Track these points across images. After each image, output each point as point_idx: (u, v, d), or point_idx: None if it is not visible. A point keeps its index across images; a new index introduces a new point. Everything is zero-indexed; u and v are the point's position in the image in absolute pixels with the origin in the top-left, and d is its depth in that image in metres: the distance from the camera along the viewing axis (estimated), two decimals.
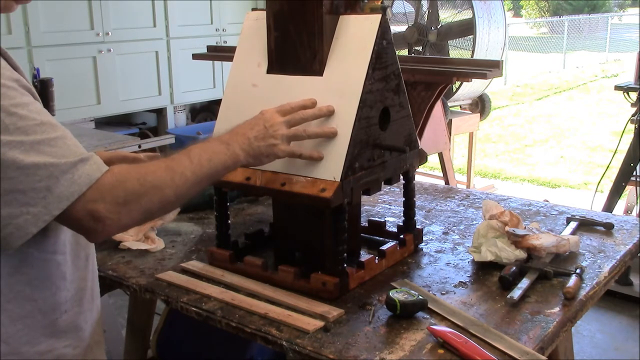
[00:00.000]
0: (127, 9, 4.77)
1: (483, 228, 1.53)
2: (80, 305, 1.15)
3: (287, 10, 1.40)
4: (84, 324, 1.16)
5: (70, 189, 0.96)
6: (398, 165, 1.49)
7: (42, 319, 1.07)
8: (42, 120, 0.97)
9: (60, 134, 0.99)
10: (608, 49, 16.03)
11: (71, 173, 0.97)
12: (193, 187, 1.12)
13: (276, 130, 1.24)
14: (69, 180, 0.97)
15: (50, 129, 0.98)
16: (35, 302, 1.06)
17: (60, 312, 1.10)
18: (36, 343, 1.07)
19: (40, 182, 0.95)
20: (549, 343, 1.21)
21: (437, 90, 2.56)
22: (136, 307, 2.14)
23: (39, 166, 0.94)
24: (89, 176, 0.98)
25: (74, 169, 0.97)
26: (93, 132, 3.85)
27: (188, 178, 1.10)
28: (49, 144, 0.96)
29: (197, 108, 5.79)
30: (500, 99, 10.83)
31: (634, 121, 3.47)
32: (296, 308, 1.30)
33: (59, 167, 0.96)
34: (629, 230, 1.73)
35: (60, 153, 0.97)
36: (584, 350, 3.04)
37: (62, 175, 0.96)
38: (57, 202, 0.96)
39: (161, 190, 1.06)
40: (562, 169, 6.66)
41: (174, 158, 1.12)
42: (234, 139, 1.20)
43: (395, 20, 5.41)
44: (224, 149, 1.18)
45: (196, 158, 1.12)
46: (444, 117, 4.16)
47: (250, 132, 1.22)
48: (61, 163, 0.96)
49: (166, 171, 1.08)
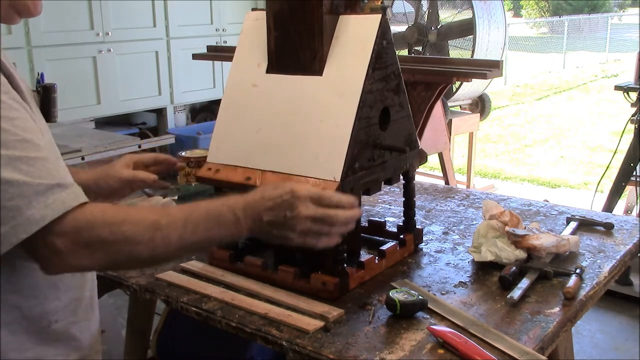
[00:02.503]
0: (127, 9, 4.77)
1: (483, 228, 1.53)
2: (75, 315, 1.12)
3: (287, 10, 1.40)
4: (79, 333, 1.13)
5: (41, 212, 0.91)
6: (398, 165, 1.49)
7: (28, 326, 1.05)
8: (25, 138, 0.93)
9: (41, 155, 0.94)
10: (608, 49, 16.03)
11: (45, 197, 0.91)
12: (177, 252, 1.04)
13: (296, 225, 1.08)
14: (42, 203, 0.91)
15: (32, 148, 0.93)
16: (20, 309, 1.03)
17: (49, 321, 1.07)
18: (24, 350, 1.05)
19: (10, 201, 0.89)
20: (549, 343, 1.21)
21: (437, 90, 2.56)
22: (136, 307, 2.13)
23: (12, 183, 0.89)
24: (63, 203, 0.93)
25: (49, 192, 0.92)
26: (93, 132, 3.84)
27: (171, 242, 1.00)
28: (26, 162, 0.91)
29: (197, 108, 5.79)
30: (500, 99, 10.83)
31: (634, 121, 3.47)
32: (296, 308, 1.30)
33: (32, 188, 0.91)
34: (629, 230, 1.73)
35: (37, 174, 0.92)
36: (584, 350, 3.04)
37: (35, 197, 0.91)
38: (27, 224, 0.90)
39: (133, 246, 0.98)
40: (562, 169, 6.66)
41: (170, 214, 1.02)
42: (247, 214, 1.06)
43: (395, 20, 5.41)
44: (232, 225, 1.05)
45: (192, 224, 1.02)
46: (444, 117, 4.15)
47: (267, 213, 1.07)
48: (35, 184, 0.91)
49: (149, 227, 0.99)
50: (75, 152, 2.83)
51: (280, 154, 1.39)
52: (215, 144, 1.50)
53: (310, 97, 1.39)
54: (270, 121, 1.42)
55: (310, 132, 1.36)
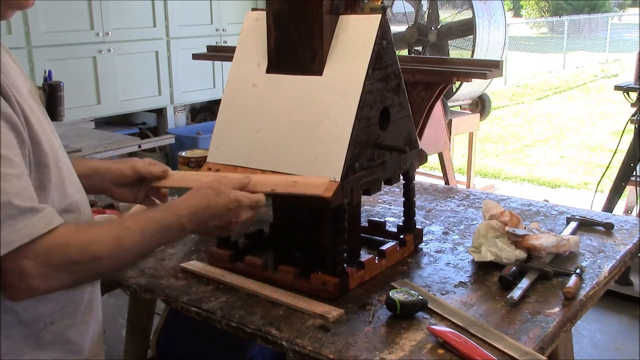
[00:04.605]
0: (127, 9, 4.77)
1: (483, 228, 1.53)
2: (72, 318, 1.11)
3: (287, 10, 1.40)
4: (77, 337, 1.13)
5: (9, 237, 0.91)
6: (398, 165, 1.49)
7: (23, 329, 1.04)
8: (1, 154, 0.92)
9: (17, 172, 0.93)
10: (608, 49, 16.02)
11: (16, 221, 0.91)
12: (133, 262, 1.10)
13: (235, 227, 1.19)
14: (12, 227, 0.91)
15: (7, 164, 0.92)
16: (15, 313, 1.03)
17: (44, 324, 1.07)
18: (19, 354, 1.04)
19: None
20: (549, 343, 1.21)
21: (437, 90, 2.56)
22: (136, 307, 2.13)
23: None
24: (34, 228, 0.93)
25: (20, 217, 0.92)
26: (93, 132, 3.84)
27: (130, 254, 1.06)
28: (2, 179, 0.91)
29: (197, 108, 5.79)
30: (500, 99, 10.83)
31: (634, 121, 3.47)
32: (296, 308, 1.30)
33: (5, 210, 0.90)
34: (629, 230, 1.73)
35: (12, 191, 0.91)
36: (584, 350, 3.04)
37: (5, 221, 0.90)
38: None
39: (99, 262, 1.01)
40: (562, 169, 6.66)
41: (129, 227, 1.06)
42: (193, 221, 1.13)
43: (395, 20, 5.41)
44: (178, 232, 1.13)
45: (148, 236, 1.07)
46: (444, 117, 4.15)
47: (213, 220, 1.16)
48: (10, 206, 0.91)
49: (113, 244, 1.02)
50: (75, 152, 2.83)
51: (280, 154, 1.39)
52: (215, 144, 1.50)
53: (310, 97, 1.38)
54: (270, 121, 1.43)
55: (310, 132, 1.36)
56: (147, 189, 1.37)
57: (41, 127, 1.05)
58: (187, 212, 1.13)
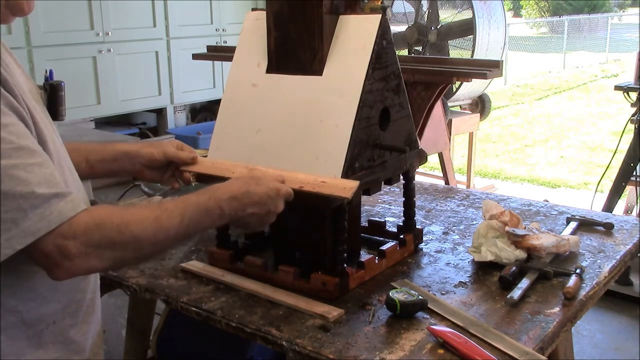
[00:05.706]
0: (127, 9, 4.77)
1: (483, 228, 1.53)
2: (74, 317, 1.11)
3: (287, 10, 1.40)
4: (79, 336, 1.13)
5: (38, 224, 0.92)
6: (398, 165, 1.49)
7: (27, 330, 1.04)
8: (21, 145, 0.93)
9: (37, 161, 0.94)
10: (608, 49, 16.02)
11: (42, 208, 0.92)
12: (172, 244, 1.10)
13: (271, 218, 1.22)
14: (39, 215, 0.92)
15: (28, 155, 0.93)
16: (19, 313, 1.03)
17: (46, 323, 1.07)
18: (21, 354, 1.04)
19: (6, 213, 0.90)
20: (549, 343, 1.21)
21: (437, 90, 2.56)
22: (136, 307, 2.13)
23: (8, 196, 0.90)
24: (60, 214, 0.94)
25: (46, 204, 0.93)
26: (93, 132, 3.85)
27: (170, 236, 1.06)
28: (24, 169, 0.92)
29: (197, 108, 5.79)
30: (500, 99, 10.83)
31: (634, 121, 3.47)
32: (296, 308, 1.30)
33: (29, 201, 0.91)
34: (629, 230, 1.73)
35: (35, 180, 0.92)
36: (584, 350, 3.04)
37: (31, 210, 0.91)
38: (22, 236, 0.91)
39: (140, 243, 1.02)
40: (562, 169, 6.66)
41: (167, 209, 1.07)
42: (232, 206, 1.14)
43: (395, 20, 5.41)
44: (217, 217, 1.13)
45: (187, 218, 1.08)
46: (444, 117, 4.15)
47: (252, 207, 1.17)
48: (33, 196, 0.92)
49: (152, 224, 1.03)
50: None
51: (280, 154, 1.39)
52: (215, 144, 1.50)
53: (310, 97, 1.39)
54: (270, 121, 1.43)
55: (310, 132, 1.36)
56: (173, 169, 1.42)
57: (45, 125, 1.05)
58: (226, 197, 1.14)
